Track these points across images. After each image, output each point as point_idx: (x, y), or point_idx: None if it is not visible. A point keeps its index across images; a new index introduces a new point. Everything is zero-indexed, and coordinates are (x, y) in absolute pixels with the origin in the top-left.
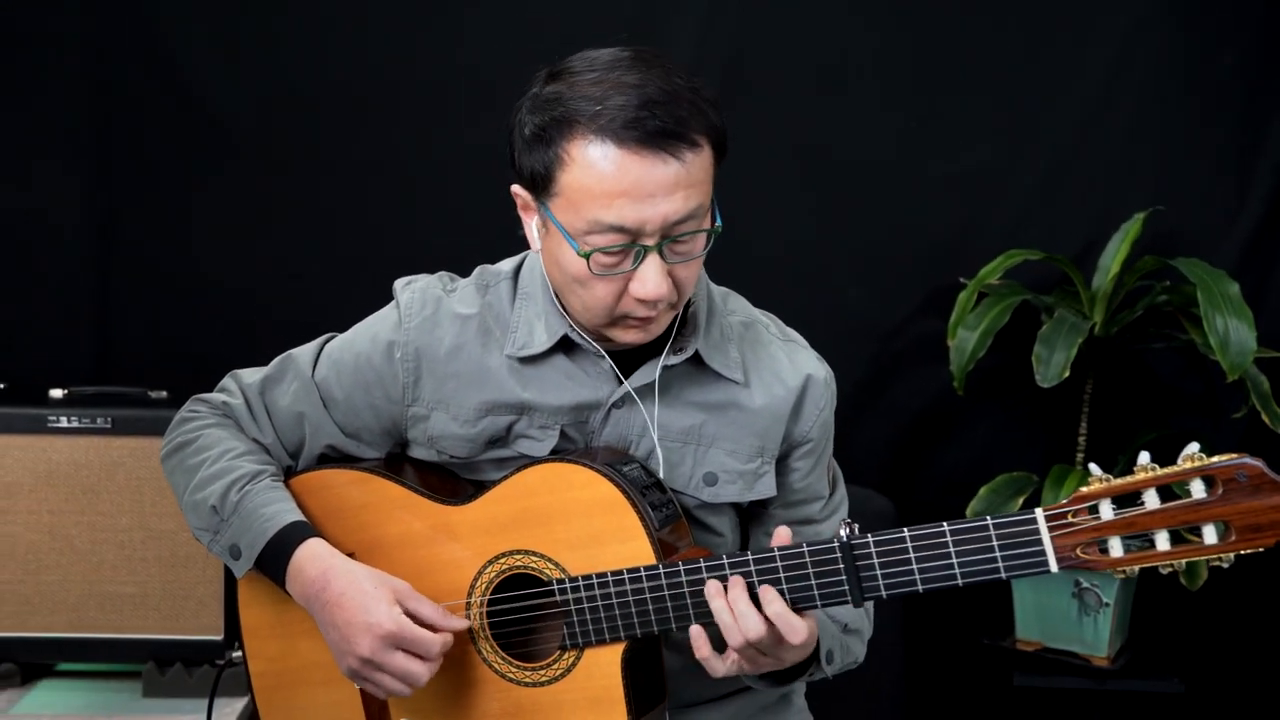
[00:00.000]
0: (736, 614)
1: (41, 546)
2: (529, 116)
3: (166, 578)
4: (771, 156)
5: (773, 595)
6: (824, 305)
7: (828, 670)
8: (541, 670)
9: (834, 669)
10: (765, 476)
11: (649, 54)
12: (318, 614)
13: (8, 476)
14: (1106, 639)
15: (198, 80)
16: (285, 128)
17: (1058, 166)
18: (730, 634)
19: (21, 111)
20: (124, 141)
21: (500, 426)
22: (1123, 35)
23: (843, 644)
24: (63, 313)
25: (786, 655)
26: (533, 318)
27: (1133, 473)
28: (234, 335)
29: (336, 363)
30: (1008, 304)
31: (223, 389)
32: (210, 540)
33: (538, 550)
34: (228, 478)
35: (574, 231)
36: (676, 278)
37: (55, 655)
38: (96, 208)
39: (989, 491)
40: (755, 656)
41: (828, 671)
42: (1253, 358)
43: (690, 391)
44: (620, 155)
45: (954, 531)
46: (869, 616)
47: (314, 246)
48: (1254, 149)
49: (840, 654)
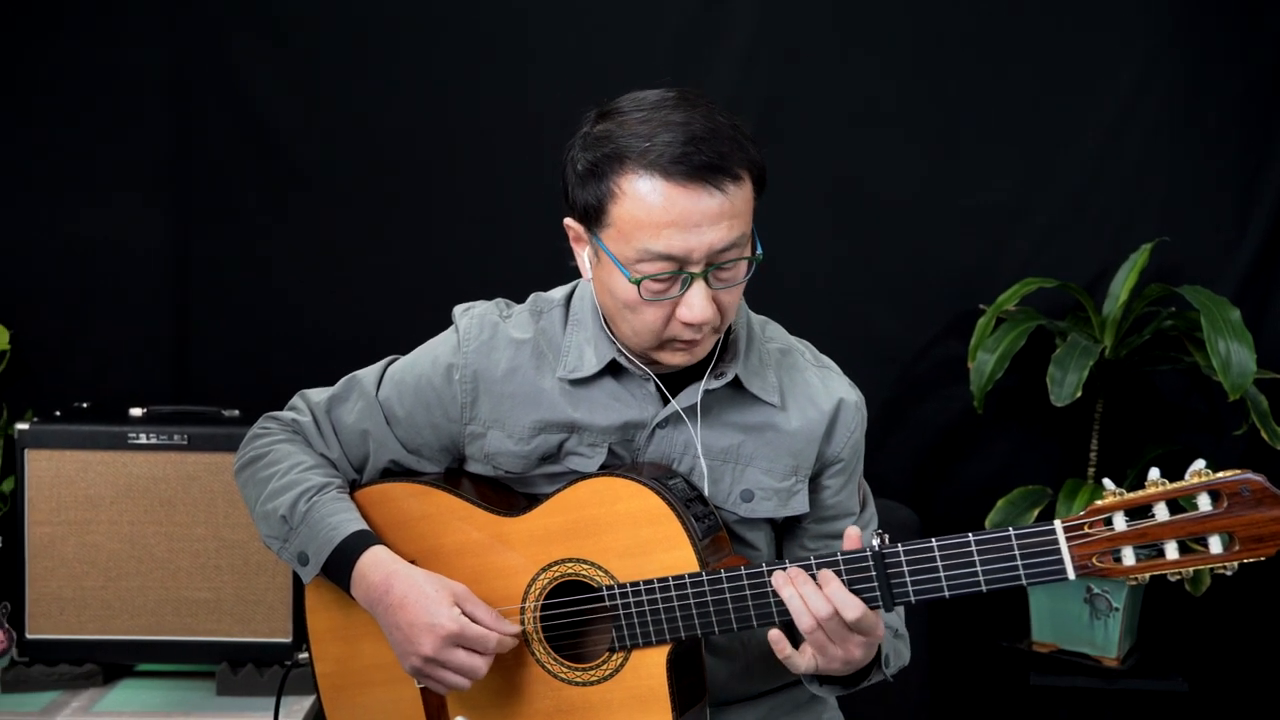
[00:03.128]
0: (804, 596)
1: (122, 555)
2: (581, 154)
3: (238, 584)
4: (805, 192)
5: (828, 575)
6: (853, 330)
7: (887, 673)
8: (591, 670)
9: (892, 671)
10: (799, 494)
11: (692, 94)
12: (381, 616)
13: (91, 490)
14: (1116, 641)
15: (272, 118)
16: (353, 164)
17: (1070, 201)
18: (801, 618)
19: (107, 146)
20: (202, 175)
21: (552, 444)
22: (1130, 80)
23: (895, 649)
24: (142, 337)
25: (854, 650)
26: (583, 342)
27: (1144, 487)
28: (302, 357)
29: (399, 383)
30: (1024, 329)
31: (292, 407)
32: (280, 548)
33: (588, 559)
34: (297, 489)
35: (625, 260)
36: (720, 303)
37: (135, 657)
38: (175, 238)
39: (1006, 503)
40: (825, 644)
41: (887, 674)
42: (1253, 379)
43: (730, 413)
44: (668, 188)
45: (978, 542)
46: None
47: (378, 274)
48: (1252, 186)
49: (895, 658)
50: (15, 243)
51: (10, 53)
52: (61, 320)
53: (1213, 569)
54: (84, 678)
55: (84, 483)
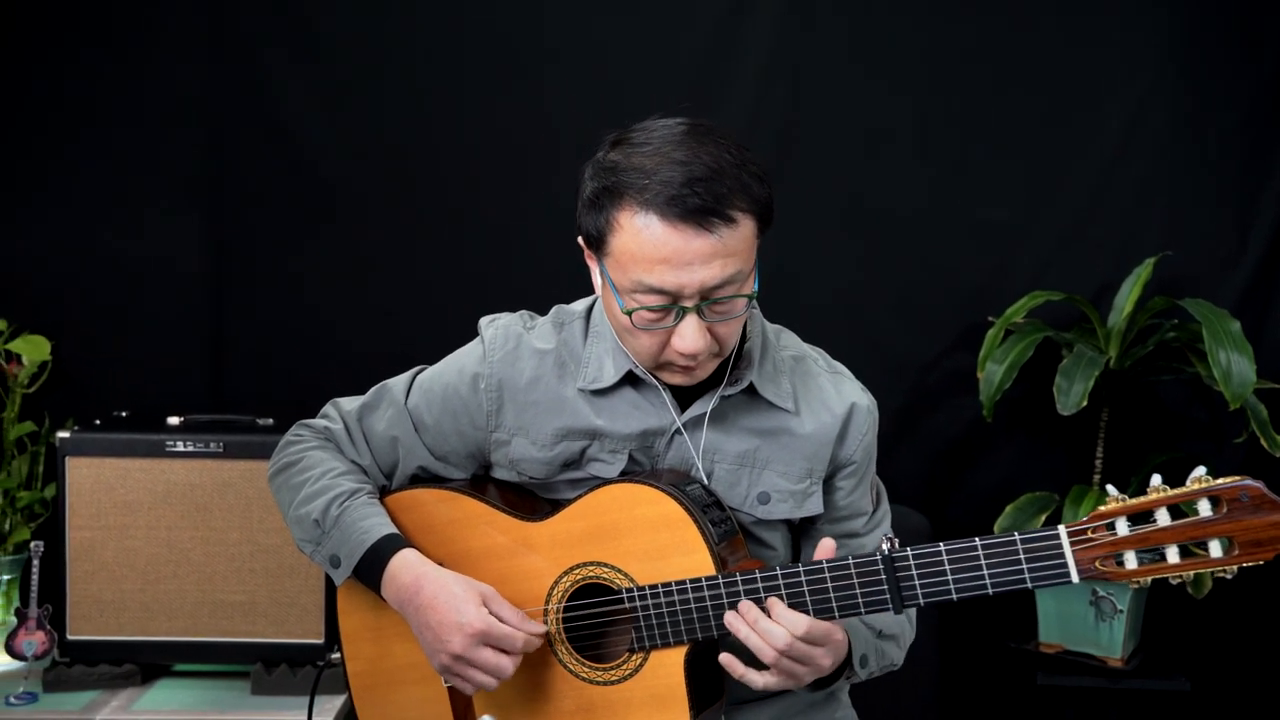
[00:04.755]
0: (760, 632)
1: (160, 559)
2: (589, 181)
3: (273, 587)
4: (821, 208)
5: (774, 600)
6: (867, 342)
7: (861, 673)
8: (611, 670)
9: (868, 671)
10: (814, 495)
11: (704, 128)
12: (411, 617)
13: (129, 496)
14: (1120, 642)
15: (304, 139)
16: (382, 182)
17: (1076, 218)
18: (762, 653)
19: (145, 166)
20: (236, 194)
21: (574, 451)
22: (1134, 100)
23: (877, 648)
24: (179, 348)
25: (822, 661)
26: (602, 354)
27: (1146, 493)
28: (333, 368)
29: (427, 392)
30: (1031, 340)
31: (324, 415)
32: (313, 551)
33: (609, 562)
34: (329, 494)
35: (621, 289)
36: (716, 333)
37: (172, 657)
38: (211, 254)
39: (1014, 509)
40: (793, 668)
41: (860, 674)
42: (1252, 388)
43: (746, 419)
44: (662, 227)
45: (985, 546)
46: (911, 623)
47: (406, 287)
48: (1252, 202)
49: (875, 658)
50: (57, 258)
51: (52, 76)
52: (101, 332)
53: (1213, 572)
54: (123, 677)
55: (123, 489)
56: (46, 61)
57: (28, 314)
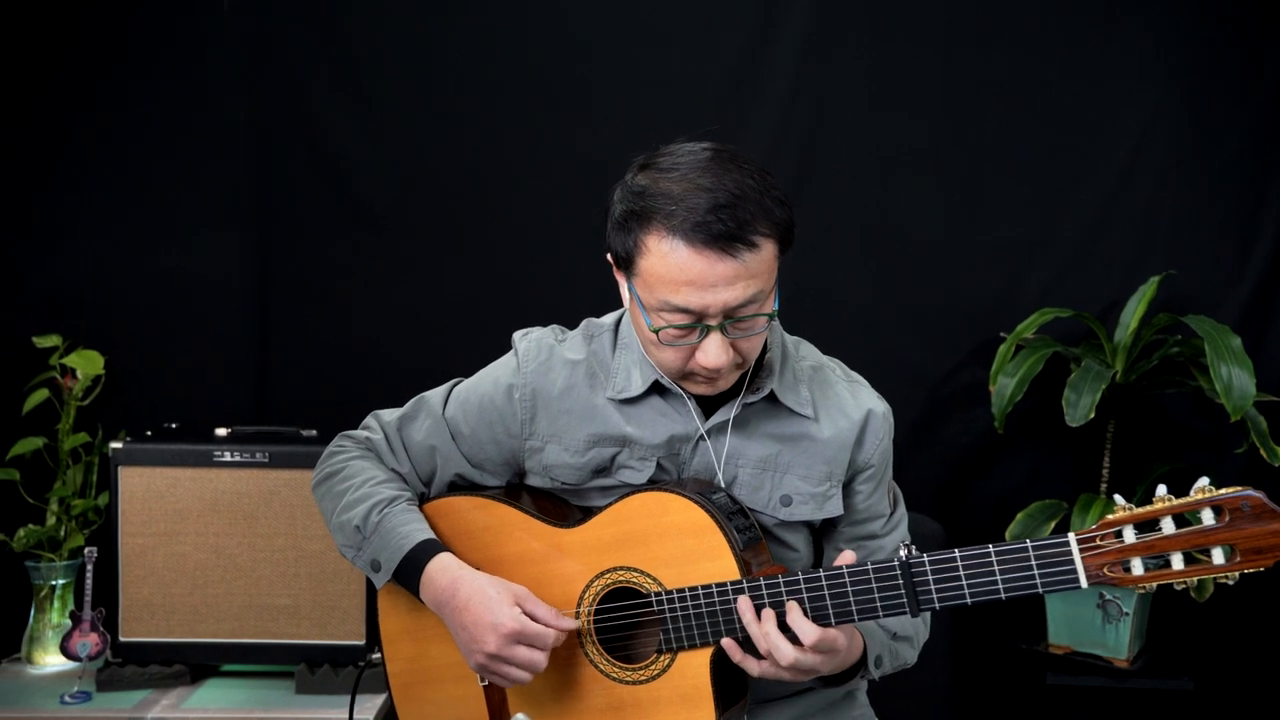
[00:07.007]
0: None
1: (208, 564)
2: (618, 204)
3: (316, 591)
4: (840, 228)
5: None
6: (884, 357)
7: (875, 673)
8: (640, 670)
9: (882, 672)
10: (834, 498)
11: (728, 154)
12: (448, 618)
13: (179, 504)
14: (1126, 644)
15: (346, 160)
16: (422, 203)
17: (1084, 237)
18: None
19: (194, 186)
20: (282, 213)
21: (605, 457)
22: (1140, 125)
23: (891, 650)
24: (227, 362)
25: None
26: (630, 365)
27: (1151, 502)
28: (374, 381)
29: (464, 403)
30: (1041, 355)
31: (365, 426)
32: (354, 556)
33: (638, 567)
34: (369, 501)
35: (648, 307)
36: (739, 348)
37: (220, 658)
38: (257, 271)
39: (1025, 516)
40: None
41: (875, 674)
42: (1252, 401)
43: (768, 425)
44: (688, 252)
45: (998, 552)
46: (926, 625)
47: (444, 304)
48: (1253, 222)
49: (890, 658)
50: (110, 275)
51: (107, 101)
52: (152, 347)
53: (1216, 578)
54: (173, 677)
55: (173, 497)
56: (103, 89)
57: (82, 330)
